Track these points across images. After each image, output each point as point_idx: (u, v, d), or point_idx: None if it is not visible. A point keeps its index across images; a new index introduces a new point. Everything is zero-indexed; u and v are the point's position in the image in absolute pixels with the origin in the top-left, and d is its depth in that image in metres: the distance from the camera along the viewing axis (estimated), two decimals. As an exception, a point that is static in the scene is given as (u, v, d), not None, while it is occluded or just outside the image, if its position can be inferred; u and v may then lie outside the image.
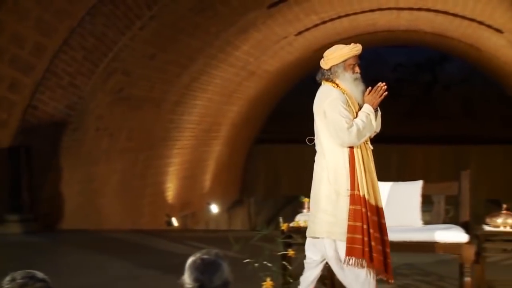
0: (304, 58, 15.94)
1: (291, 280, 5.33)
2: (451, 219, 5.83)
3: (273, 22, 12.10)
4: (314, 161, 5.06)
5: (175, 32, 10.29)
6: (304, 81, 19.53)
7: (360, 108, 4.95)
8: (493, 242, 5.66)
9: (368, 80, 5.23)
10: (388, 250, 4.94)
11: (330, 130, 4.88)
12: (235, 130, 16.24)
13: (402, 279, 6.15)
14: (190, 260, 2.85)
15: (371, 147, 5.03)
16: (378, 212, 4.93)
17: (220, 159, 15.91)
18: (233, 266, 3.04)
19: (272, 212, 20.01)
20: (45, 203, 9.64)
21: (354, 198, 4.89)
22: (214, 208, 15.86)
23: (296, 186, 18.31)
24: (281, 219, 5.47)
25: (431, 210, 5.99)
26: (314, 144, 5.04)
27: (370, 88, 4.96)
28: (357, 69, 4.98)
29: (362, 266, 4.93)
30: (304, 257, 5.08)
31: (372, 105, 4.95)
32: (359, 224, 4.89)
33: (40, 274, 2.68)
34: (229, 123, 15.61)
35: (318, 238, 4.98)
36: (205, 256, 2.83)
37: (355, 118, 4.88)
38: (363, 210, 4.89)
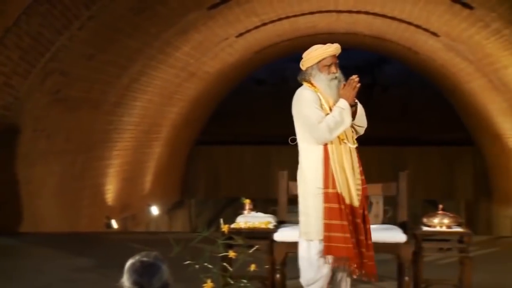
0: (245, 59, 15.96)
1: (231, 282, 5.32)
2: (390, 220, 5.90)
3: (213, 24, 12.08)
4: (254, 163, 5.16)
5: (114, 33, 10.17)
6: (245, 82, 19.58)
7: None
8: (430, 241, 5.76)
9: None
10: (363, 250, 4.99)
11: (305, 129, 4.95)
12: (176, 132, 16.17)
13: (341, 279, 6.19)
14: (129, 262, 2.82)
15: (353, 146, 5.07)
16: (352, 211, 4.97)
17: (160, 160, 15.81)
18: (173, 268, 3.02)
19: (213, 214, 19.99)
20: (-20, 206, 9.43)
21: (328, 196, 4.92)
22: (155, 210, 15.75)
23: (237, 188, 18.32)
24: (221, 221, 5.46)
25: (370, 211, 6.05)
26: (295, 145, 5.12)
27: (344, 83, 5.00)
28: (333, 69, 5.03)
29: (338, 265, 4.99)
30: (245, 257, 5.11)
31: (347, 99, 4.98)
32: (335, 222, 4.91)
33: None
34: (169, 124, 15.53)
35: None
36: (144, 259, 2.81)
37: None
38: (342, 207, 4.91)
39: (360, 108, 5.10)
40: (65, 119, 10.80)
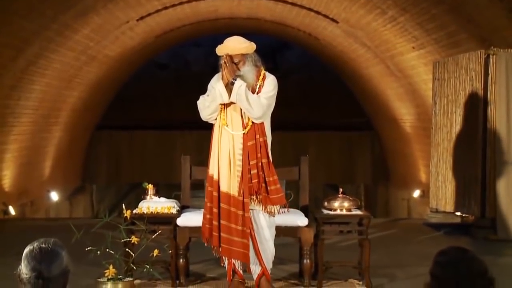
0: (146, 43, 15.78)
1: (134, 267, 5.29)
2: (292, 203, 5.99)
3: (114, 6, 11.88)
4: (157, 147, 5.30)
5: (8, 14, 9.86)
6: (147, 66, 19.35)
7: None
8: (330, 224, 5.88)
9: (210, 66, 5.35)
10: (235, 238, 5.08)
11: None
12: (76, 116, 15.85)
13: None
14: (27, 249, 2.75)
15: (233, 132, 5.13)
16: (228, 198, 5.06)
17: (60, 145, 15.48)
18: (74, 254, 2.97)
19: (115, 199, 19.74)
20: None
21: (208, 177, 5.23)
22: (55, 196, 15.42)
23: (140, 173, 18.15)
24: (124, 206, 5.41)
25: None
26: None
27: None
28: (239, 66, 5.35)
29: (207, 243, 5.24)
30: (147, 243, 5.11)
31: (222, 79, 5.18)
32: (207, 201, 5.19)
33: None
34: (69, 108, 15.20)
35: None
36: (43, 245, 2.74)
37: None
38: (209, 189, 5.08)
39: (239, 88, 5.17)
40: (-41, 103, 10.42)
